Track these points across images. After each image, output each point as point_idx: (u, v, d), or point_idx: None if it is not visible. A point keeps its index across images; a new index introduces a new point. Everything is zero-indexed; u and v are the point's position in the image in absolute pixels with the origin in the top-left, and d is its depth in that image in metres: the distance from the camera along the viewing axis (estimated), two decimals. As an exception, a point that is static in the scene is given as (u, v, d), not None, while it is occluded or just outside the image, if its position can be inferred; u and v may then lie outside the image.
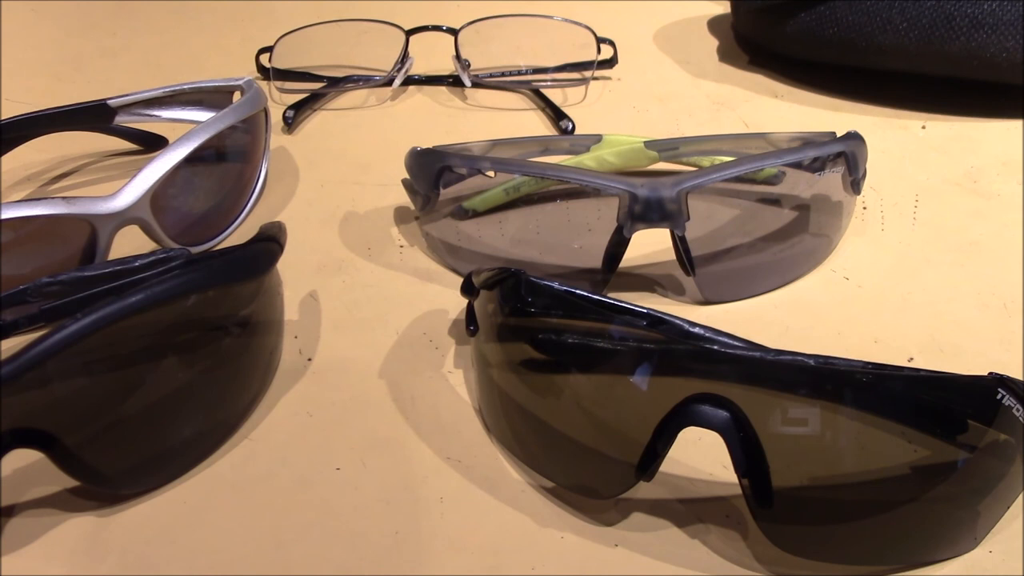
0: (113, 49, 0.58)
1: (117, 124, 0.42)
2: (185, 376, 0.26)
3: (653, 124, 0.47)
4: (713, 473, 0.26)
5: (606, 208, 0.32)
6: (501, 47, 0.51)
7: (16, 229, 0.30)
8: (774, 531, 0.23)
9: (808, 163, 0.34)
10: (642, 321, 0.26)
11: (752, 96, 0.50)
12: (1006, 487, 0.23)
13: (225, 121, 0.36)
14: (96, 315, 0.23)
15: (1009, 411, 0.22)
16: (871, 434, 0.22)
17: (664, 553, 0.24)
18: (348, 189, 0.41)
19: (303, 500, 0.26)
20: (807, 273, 0.35)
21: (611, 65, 0.52)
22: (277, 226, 0.30)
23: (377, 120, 0.48)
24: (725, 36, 0.59)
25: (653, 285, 0.34)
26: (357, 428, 0.28)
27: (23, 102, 0.50)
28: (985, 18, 0.44)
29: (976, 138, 0.45)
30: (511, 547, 0.24)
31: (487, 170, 0.33)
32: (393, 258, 0.36)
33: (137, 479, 0.26)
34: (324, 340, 0.32)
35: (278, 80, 0.51)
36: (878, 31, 0.46)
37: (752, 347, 0.25)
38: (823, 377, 0.22)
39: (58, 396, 0.23)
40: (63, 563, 0.24)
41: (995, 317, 0.33)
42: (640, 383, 0.23)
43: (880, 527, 0.23)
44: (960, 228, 0.38)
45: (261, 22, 0.62)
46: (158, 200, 0.33)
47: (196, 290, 0.26)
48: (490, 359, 0.28)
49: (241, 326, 0.28)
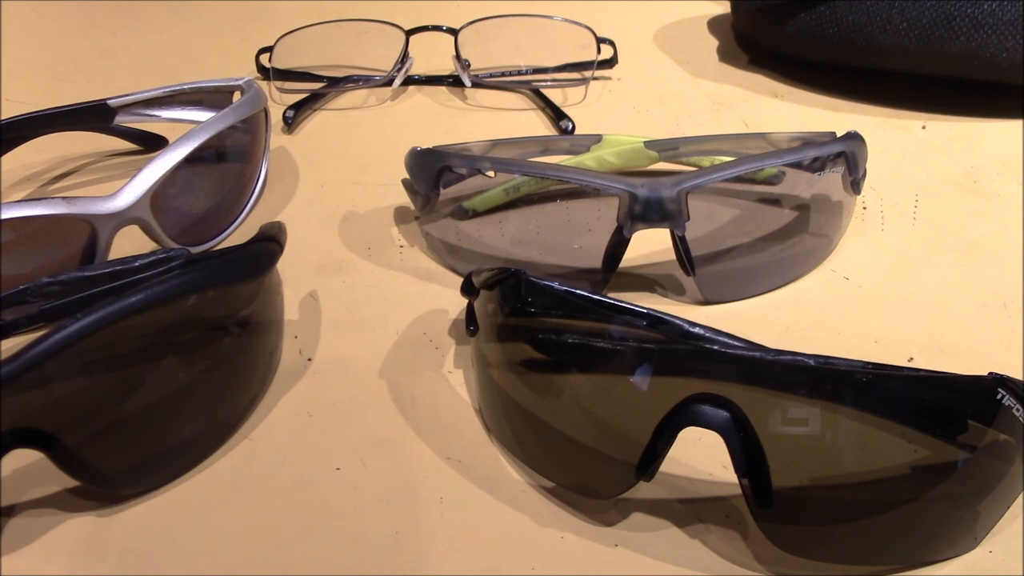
0: (113, 49, 0.58)
1: (117, 124, 0.42)
2: (185, 376, 0.26)
3: (653, 124, 0.47)
4: (713, 473, 0.26)
5: (606, 208, 0.32)
6: (501, 47, 0.51)
7: (16, 229, 0.30)
8: (774, 531, 0.23)
9: (808, 163, 0.34)
10: (642, 321, 0.26)
11: (752, 96, 0.50)
12: (1006, 487, 0.23)
13: (225, 121, 0.36)
14: (96, 315, 0.23)
15: (1009, 411, 0.22)
16: (871, 434, 0.22)
17: (664, 553, 0.24)
18: (348, 189, 0.41)
19: (303, 500, 0.26)
20: (807, 273, 0.35)
21: (611, 65, 0.52)
22: (277, 226, 0.30)
23: (377, 120, 0.48)
24: (725, 36, 0.59)
25: (653, 285, 0.34)
26: (357, 428, 0.28)
27: (23, 102, 0.50)
28: (985, 18, 0.44)
29: (976, 138, 0.45)
30: (511, 547, 0.24)
31: (487, 170, 0.33)
32: (393, 258, 0.36)
33: (137, 479, 0.26)
34: (324, 340, 0.32)
35: (278, 80, 0.51)
36: (878, 31, 0.46)
37: (752, 347, 0.25)
38: (823, 377, 0.22)
39: (58, 396, 0.23)
40: (63, 563, 0.24)
41: (995, 317, 0.33)
42: (640, 383, 0.23)
43: (880, 527, 0.23)
44: (960, 228, 0.38)
45: (261, 22, 0.62)
46: (158, 200, 0.33)
47: (196, 290, 0.26)
48: (490, 359, 0.28)
49: (241, 326, 0.28)
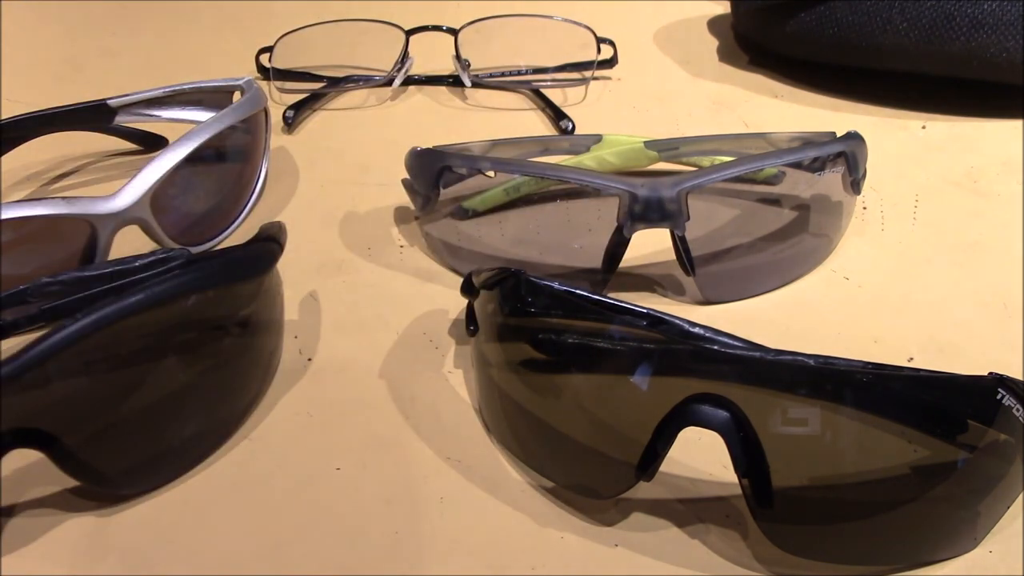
0: (113, 49, 0.58)
1: (117, 124, 0.42)
2: (185, 376, 0.26)
3: (653, 124, 0.47)
4: (713, 473, 0.26)
5: (606, 208, 0.32)
6: (501, 47, 0.51)
7: (16, 229, 0.30)
8: (774, 531, 0.23)
9: (808, 163, 0.34)
10: (642, 321, 0.26)
11: (752, 96, 0.50)
12: (1006, 487, 0.23)
13: (225, 121, 0.36)
14: (96, 315, 0.23)
15: (1009, 411, 0.22)
16: (871, 434, 0.22)
17: (664, 553, 0.24)
18: (348, 189, 0.41)
19: (303, 500, 0.26)
20: (807, 273, 0.35)
21: (611, 65, 0.52)
22: (277, 226, 0.30)
23: (377, 120, 0.48)
24: (725, 36, 0.59)
25: (653, 285, 0.34)
26: (357, 428, 0.28)
27: (23, 102, 0.50)
28: (985, 18, 0.44)
29: (976, 138, 0.45)
30: (511, 547, 0.24)
31: (487, 170, 0.33)
32: (393, 258, 0.36)
33: (137, 479, 0.26)
34: (324, 340, 0.32)
35: (278, 80, 0.51)
36: (878, 31, 0.46)
37: (752, 347, 0.25)
38: (823, 377, 0.22)
39: (58, 396, 0.23)
40: (63, 563, 0.24)
41: (995, 317, 0.33)
42: (640, 383, 0.23)
43: (880, 527, 0.23)
44: (960, 228, 0.38)
45: (261, 22, 0.62)
46: (158, 200, 0.33)
47: (196, 290, 0.26)
48: (490, 359, 0.28)
49: (241, 326, 0.28)
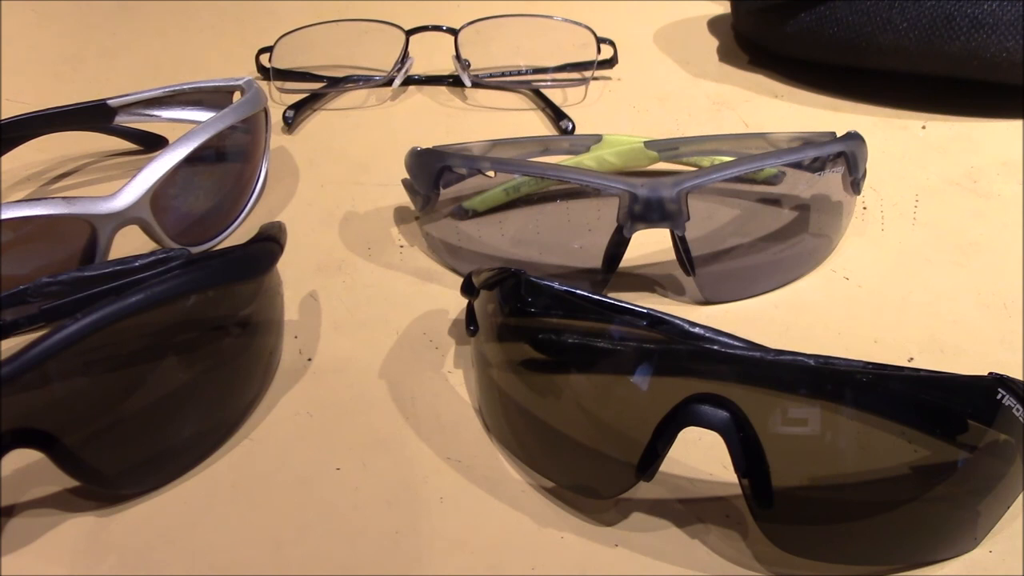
0: (113, 49, 0.58)
1: (117, 124, 0.42)
2: (185, 376, 0.26)
3: (653, 124, 0.47)
4: (713, 473, 0.26)
5: (606, 208, 0.32)
6: (501, 47, 0.51)
7: (16, 229, 0.30)
8: (774, 531, 0.23)
9: (808, 163, 0.34)
10: (642, 321, 0.26)
11: (752, 96, 0.50)
12: (1006, 487, 0.23)
13: (225, 121, 0.36)
14: (96, 315, 0.23)
15: (1009, 411, 0.22)
16: (871, 434, 0.22)
17: (664, 553, 0.24)
18: (348, 189, 0.41)
19: (303, 500, 0.26)
20: (807, 273, 0.35)
21: (611, 65, 0.52)
22: (277, 226, 0.30)
23: (377, 120, 0.48)
24: (725, 36, 0.59)
25: (653, 285, 0.34)
26: (357, 428, 0.28)
27: (23, 102, 0.50)
28: (985, 18, 0.44)
29: (976, 138, 0.45)
30: (511, 547, 0.24)
31: (487, 170, 0.33)
32: (393, 258, 0.36)
33: (137, 479, 0.26)
34: (324, 340, 0.32)
35: (278, 80, 0.51)
36: (878, 31, 0.46)
37: (752, 347, 0.25)
38: (823, 377, 0.22)
39: (58, 396, 0.23)
40: (63, 563, 0.24)
41: (995, 317, 0.33)
42: (640, 383, 0.23)
43: (880, 527, 0.23)
44: (960, 228, 0.38)
45: (261, 22, 0.62)
46: (158, 200, 0.33)
47: (196, 290, 0.26)
48: (490, 359, 0.27)
49: (241, 326, 0.28)
